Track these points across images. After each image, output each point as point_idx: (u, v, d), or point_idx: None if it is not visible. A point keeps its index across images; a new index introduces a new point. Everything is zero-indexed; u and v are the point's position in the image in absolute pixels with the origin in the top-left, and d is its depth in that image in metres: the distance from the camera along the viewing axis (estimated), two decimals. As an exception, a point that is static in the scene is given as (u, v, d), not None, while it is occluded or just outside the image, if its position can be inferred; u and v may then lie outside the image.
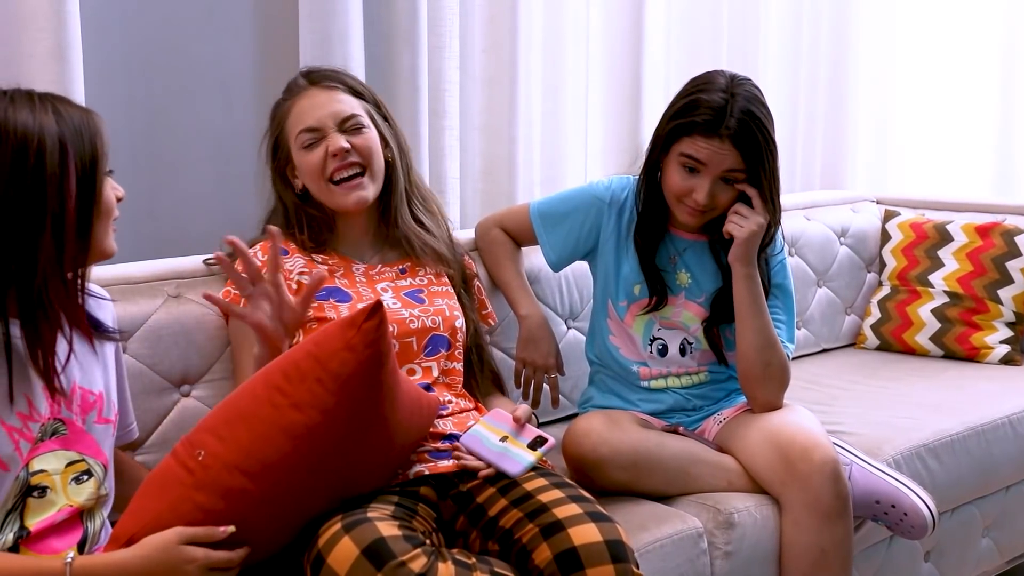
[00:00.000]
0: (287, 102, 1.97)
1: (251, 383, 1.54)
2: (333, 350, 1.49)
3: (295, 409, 1.47)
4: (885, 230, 3.21)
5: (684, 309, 2.16)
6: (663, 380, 2.18)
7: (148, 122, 2.25)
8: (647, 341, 2.17)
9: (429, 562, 1.48)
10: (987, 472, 2.45)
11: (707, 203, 1.99)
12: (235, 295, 1.86)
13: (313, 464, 1.50)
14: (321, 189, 1.93)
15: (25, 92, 1.44)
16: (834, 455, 1.95)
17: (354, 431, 1.52)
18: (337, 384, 1.48)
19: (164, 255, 2.08)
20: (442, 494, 1.77)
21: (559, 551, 1.58)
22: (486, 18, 2.67)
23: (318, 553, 1.51)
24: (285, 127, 1.95)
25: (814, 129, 3.58)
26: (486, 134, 2.72)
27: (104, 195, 1.46)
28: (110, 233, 1.49)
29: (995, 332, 2.94)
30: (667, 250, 2.16)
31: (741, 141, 1.95)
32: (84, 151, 1.42)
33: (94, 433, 1.53)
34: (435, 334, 1.93)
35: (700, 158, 1.97)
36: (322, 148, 1.90)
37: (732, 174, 1.98)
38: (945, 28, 3.72)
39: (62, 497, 1.48)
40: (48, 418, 1.46)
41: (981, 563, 2.55)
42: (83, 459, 1.51)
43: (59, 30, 1.92)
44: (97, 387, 1.55)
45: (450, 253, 2.05)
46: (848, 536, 1.96)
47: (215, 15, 2.31)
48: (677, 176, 2.01)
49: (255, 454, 1.47)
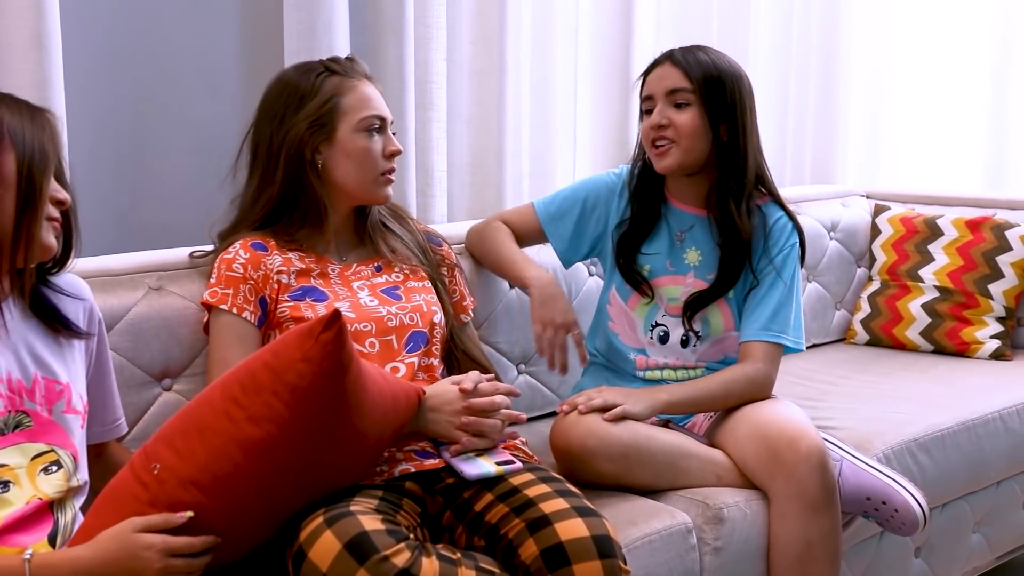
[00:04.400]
0: (344, 79, 1.91)
1: (209, 393, 1.51)
2: (290, 361, 1.44)
3: (251, 423, 1.44)
4: (875, 224, 3.20)
5: (694, 288, 2.15)
6: (658, 372, 2.16)
7: (130, 113, 2.22)
8: (648, 327, 2.16)
9: (413, 557, 1.46)
10: (977, 467, 2.44)
11: (660, 121, 2.06)
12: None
13: (274, 475, 1.47)
14: (364, 175, 1.91)
15: None
16: (820, 445, 1.94)
17: (317, 441, 1.48)
18: (295, 397, 1.44)
19: (146, 247, 2.06)
20: (428, 489, 1.75)
21: (545, 547, 1.55)
22: (474, 9, 2.65)
23: (300, 547, 1.49)
24: (342, 103, 1.89)
25: (804, 123, 3.57)
26: (474, 126, 2.69)
27: (43, 197, 1.45)
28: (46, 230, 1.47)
29: (985, 327, 2.93)
30: (672, 228, 2.16)
31: (680, 60, 2.08)
32: (27, 151, 1.42)
33: (63, 423, 1.51)
34: (414, 331, 1.90)
35: (649, 92, 2.11)
36: (381, 141, 1.91)
37: (679, 95, 2.06)
38: (937, 22, 3.71)
39: (29, 489, 1.46)
40: (4, 412, 1.45)
41: (972, 559, 2.54)
42: (52, 449, 1.49)
43: (37, 19, 1.90)
44: (64, 378, 1.53)
45: (421, 255, 2.03)
46: (835, 529, 1.95)
47: (199, 4, 2.28)
48: (642, 125, 2.12)
49: (211, 468, 1.43)
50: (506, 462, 1.73)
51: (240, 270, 1.85)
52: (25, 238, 1.43)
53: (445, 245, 2.12)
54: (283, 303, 1.85)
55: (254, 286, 1.85)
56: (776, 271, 2.11)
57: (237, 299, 1.85)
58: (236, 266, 1.86)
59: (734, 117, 2.07)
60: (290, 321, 1.84)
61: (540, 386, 2.45)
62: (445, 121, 2.59)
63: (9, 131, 1.42)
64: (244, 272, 1.85)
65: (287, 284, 1.86)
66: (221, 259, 1.88)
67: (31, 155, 1.43)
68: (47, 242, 1.47)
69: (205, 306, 1.88)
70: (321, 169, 1.90)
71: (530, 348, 2.42)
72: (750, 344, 2.10)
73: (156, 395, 1.91)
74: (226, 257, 1.87)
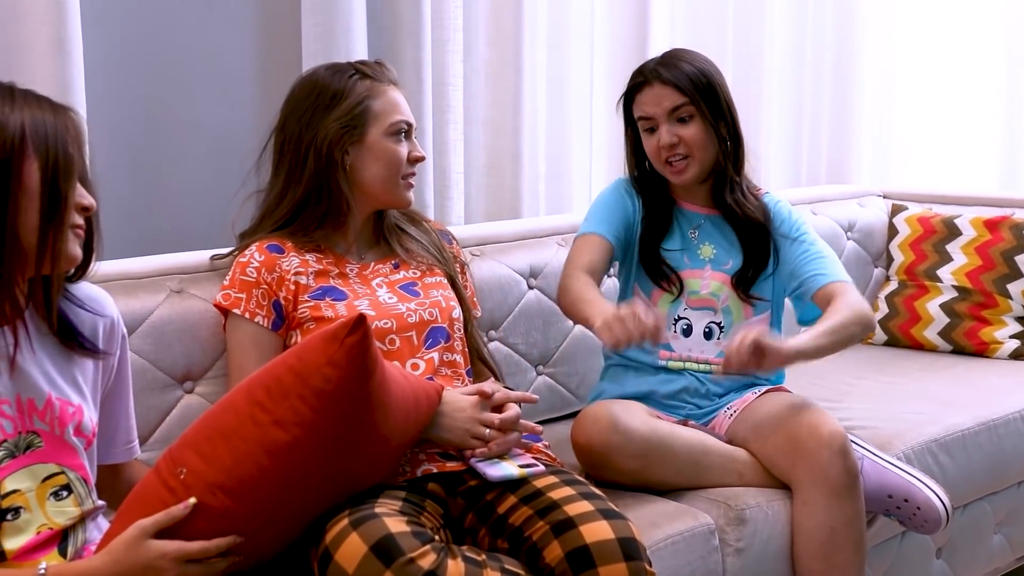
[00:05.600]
0: (375, 83, 1.92)
1: (234, 396, 1.50)
2: (315, 365, 1.44)
3: (277, 427, 1.43)
4: (892, 224, 3.18)
5: (712, 280, 2.19)
6: (681, 363, 2.18)
7: (148, 116, 2.22)
8: (671, 321, 2.18)
9: (439, 559, 1.46)
10: (999, 467, 2.43)
11: (670, 141, 2.11)
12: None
13: (300, 479, 1.46)
14: (389, 178, 1.92)
15: (4, 86, 1.38)
16: (841, 431, 1.95)
17: (343, 443, 1.48)
18: (320, 401, 1.44)
19: (164, 250, 2.05)
20: (450, 491, 1.75)
21: (570, 549, 1.55)
22: (490, 11, 2.65)
23: (326, 549, 1.49)
24: (373, 106, 1.90)
25: (819, 123, 3.57)
26: (490, 128, 2.70)
27: (69, 207, 1.38)
28: (72, 240, 1.40)
29: (1004, 327, 2.91)
30: (685, 226, 2.21)
31: (669, 78, 2.12)
32: (51, 158, 1.35)
33: (74, 445, 1.46)
34: (434, 326, 1.90)
35: (648, 112, 2.14)
36: (407, 146, 1.93)
37: (681, 110, 2.12)
38: (950, 21, 3.70)
39: (40, 516, 1.42)
40: (14, 434, 1.40)
41: (993, 560, 2.53)
42: (62, 471, 1.44)
43: (59, 23, 1.90)
44: (76, 399, 1.47)
45: (437, 252, 2.03)
46: (859, 516, 1.95)
47: (216, 8, 2.28)
48: (647, 142, 2.16)
49: (237, 473, 1.43)
50: (529, 465, 1.73)
51: (253, 274, 1.85)
52: (51, 252, 1.36)
53: (455, 243, 2.13)
54: (303, 303, 1.85)
55: (267, 290, 1.85)
56: (793, 239, 2.18)
57: (250, 304, 1.84)
58: (250, 270, 1.86)
59: (728, 113, 2.15)
60: (311, 321, 1.84)
61: (559, 387, 2.45)
62: (462, 123, 2.59)
63: (32, 137, 1.34)
64: (257, 276, 1.85)
65: (305, 285, 1.86)
66: (236, 262, 1.88)
67: (55, 162, 1.35)
68: (72, 253, 1.40)
69: (218, 308, 1.88)
70: (349, 170, 1.90)
71: (548, 349, 2.42)
72: (824, 289, 2.12)
73: (178, 398, 1.91)
74: (241, 260, 1.87)
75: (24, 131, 1.34)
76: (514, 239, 2.45)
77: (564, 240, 2.48)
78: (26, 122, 1.35)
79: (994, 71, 3.66)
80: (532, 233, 2.49)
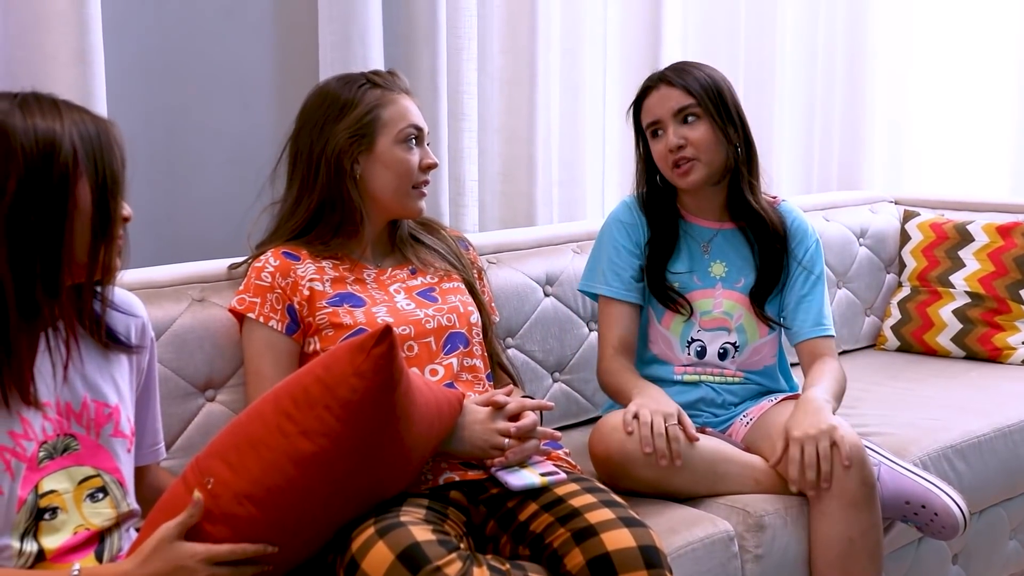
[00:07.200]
0: (385, 92, 1.93)
1: (261, 405, 1.51)
2: (342, 376, 1.45)
3: (304, 437, 1.44)
4: (904, 231, 3.19)
5: (724, 299, 2.18)
6: (696, 376, 2.18)
7: (168, 125, 2.24)
8: (684, 343, 2.17)
9: (465, 567, 1.47)
10: (1014, 473, 2.44)
11: (677, 142, 2.10)
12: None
13: (326, 488, 1.48)
14: (400, 186, 1.92)
15: (47, 100, 1.39)
16: (859, 442, 1.95)
17: (367, 454, 1.49)
18: (347, 411, 1.45)
19: (183, 259, 2.07)
20: (472, 499, 1.76)
21: (592, 556, 1.56)
22: (504, 19, 2.66)
23: (352, 558, 1.50)
24: (382, 115, 1.91)
25: (831, 129, 3.57)
26: (505, 136, 2.71)
27: (117, 223, 1.41)
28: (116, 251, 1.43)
29: (1018, 332, 2.92)
30: (696, 242, 2.19)
31: (675, 80, 2.13)
32: (100, 176, 1.38)
33: (109, 447, 1.48)
34: (452, 332, 1.91)
35: (654, 115, 2.14)
36: (419, 153, 1.94)
37: (686, 111, 2.11)
38: (962, 26, 3.70)
39: (76, 517, 1.44)
40: (54, 436, 1.42)
41: (1008, 566, 2.53)
42: (98, 474, 1.47)
43: (81, 33, 1.91)
44: (113, 400, 1.50)
45: (455, 259, 2.04)
46: (876, 526, 1.95)
47: (235, 17, 2.30)
48: (654, 148, 2.15)
49: (264, 482, 1.44)
50: (550, 473, 1.73)
51: (268, 279, 1.86)
52: (101, 266, 1.40)
53: (472, 249, 2.14)
54: (321, 310, 1.86)
55: (282, 295, 1.86)
56: (807, 270, 2.18)
57: (264, 308, 1.86)
58: (264, 275, 1.87)
59: (738, 118, 2.15)
60: (329, 328, 1.84)
61: (575, 394, 2.45)
62: (476, 131, 2.60)
63: (83, 157, 1.36)
64: (272, 280, 1.86)
65: (322, 291, 1.87)
66: (252, 267, 1.90)
67: (104, 180, 1.38)
68: (116, 264, 1.44)
69: (232, 313, 1.89)
70: (359, 179, 1.91)
71: (564, 356, 2.43)
72: (815, 341, 2.17)
73: (200, 406, 1.92)
74: (256, 265, 1.89)
75: (76, 151, 1.36)
76: (530, 247, 2.46)
77: (580, 248, 2.49)
78: (76, 140, 1.37)
79: (1006, 77, 3.66)
80: (548, 240, 2.50)
